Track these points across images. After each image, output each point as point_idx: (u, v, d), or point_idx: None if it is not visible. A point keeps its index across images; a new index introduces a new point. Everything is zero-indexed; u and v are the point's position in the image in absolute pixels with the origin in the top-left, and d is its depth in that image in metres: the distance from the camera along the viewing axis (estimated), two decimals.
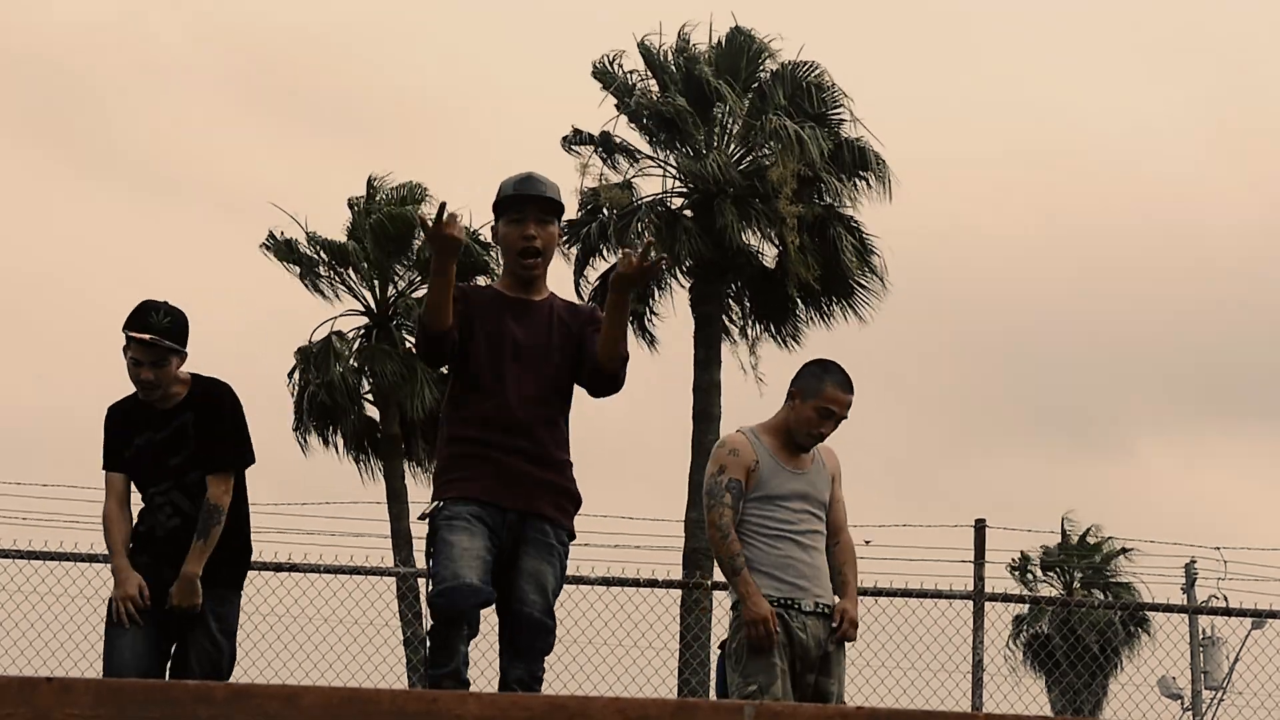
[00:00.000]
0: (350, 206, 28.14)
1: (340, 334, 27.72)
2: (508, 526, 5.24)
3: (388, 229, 27.50)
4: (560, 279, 25.60)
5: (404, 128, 49.61)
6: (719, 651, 7.04)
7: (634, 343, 26.49)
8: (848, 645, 6.45)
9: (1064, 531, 38.55)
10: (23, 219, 46.69)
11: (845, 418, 6.38)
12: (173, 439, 6.12)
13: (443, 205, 5.27)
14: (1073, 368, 53.60)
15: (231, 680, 6.01)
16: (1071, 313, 52.56)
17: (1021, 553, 33.21)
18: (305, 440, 27.28)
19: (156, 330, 6.02)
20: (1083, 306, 52.78)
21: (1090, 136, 54.77)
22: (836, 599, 6.42)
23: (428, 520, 5.31)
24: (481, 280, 26.79)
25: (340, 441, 27.40)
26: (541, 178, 5.48)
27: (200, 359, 6.17)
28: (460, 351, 5.36)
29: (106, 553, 6.23)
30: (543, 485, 5.31)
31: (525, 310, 5.43)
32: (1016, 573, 34.03)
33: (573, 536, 5.43)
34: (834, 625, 6.34)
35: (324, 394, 26.71)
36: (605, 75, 26.48)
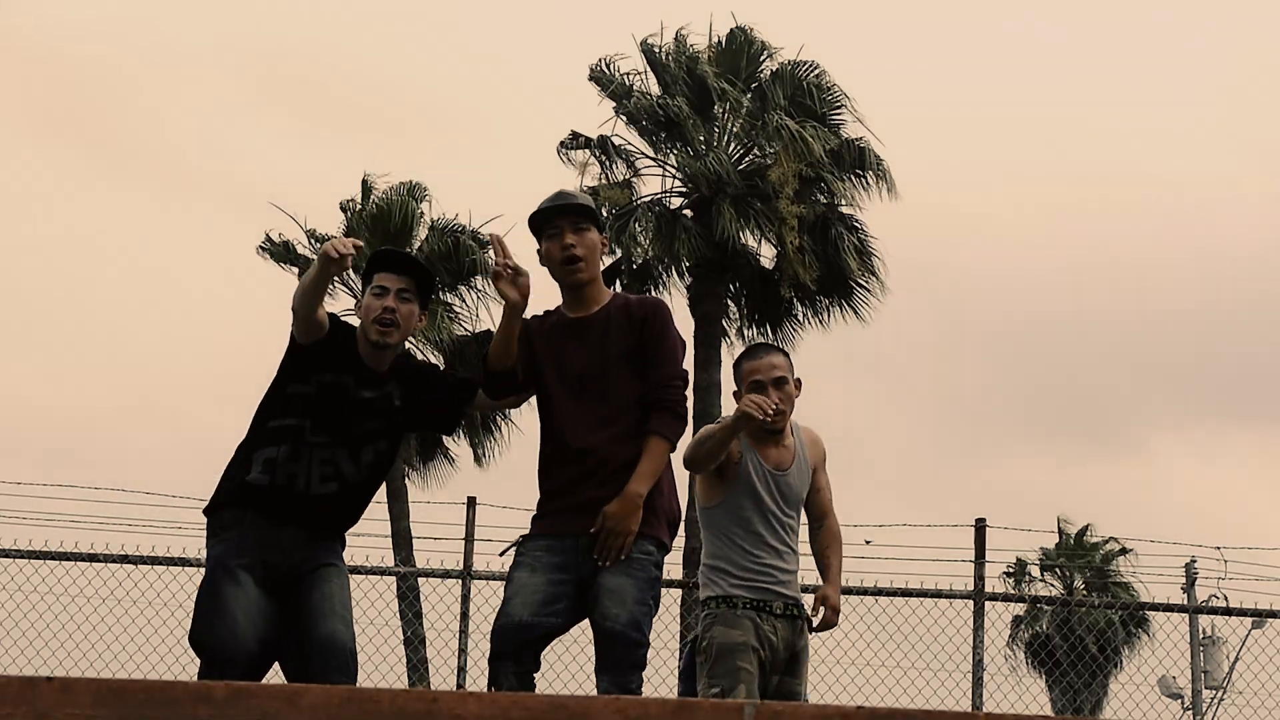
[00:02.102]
0: (343, 209, 28.14)
1: None
2: (580, 551, 5.35)
3: (388, 226, 27.50)
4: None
5: (404, 128, 49.63)
6: (687, 646, 6.97)
7: None
8: (820, 641, 6.41)
9: (1060, 532, 38.54)
10: (29, 215, 46.68)
11: (784, 378, 6.25)
12: (378, 403, 5.50)
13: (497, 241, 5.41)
14: (1077, 367, 53.62)
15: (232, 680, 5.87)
16: (1077, 312, 52.57)
17: (1018, 558, 33.19)
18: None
19: (414, 260, 5.61)
20: (1089, 306, 52.78)
21: (1098, 135, 54.78)
22: (816, 585, 6.41)
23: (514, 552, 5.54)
24: (478, 280, 26.85)
25: None
26: (571, 191, 5.65)
27: (205, 359, 6.04)
28: (536, 389, 5.55)
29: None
30: (603, 501, 5.35)
31: (583, 330, 5.50)
32: (1012, 579, 33.96)
33: (660, 543, 5.43)
34: (814, 612, 6.31)
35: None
36: (603, 79, 26.50)
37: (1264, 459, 54.73)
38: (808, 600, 6.39)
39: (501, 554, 5.66)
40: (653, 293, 26.25)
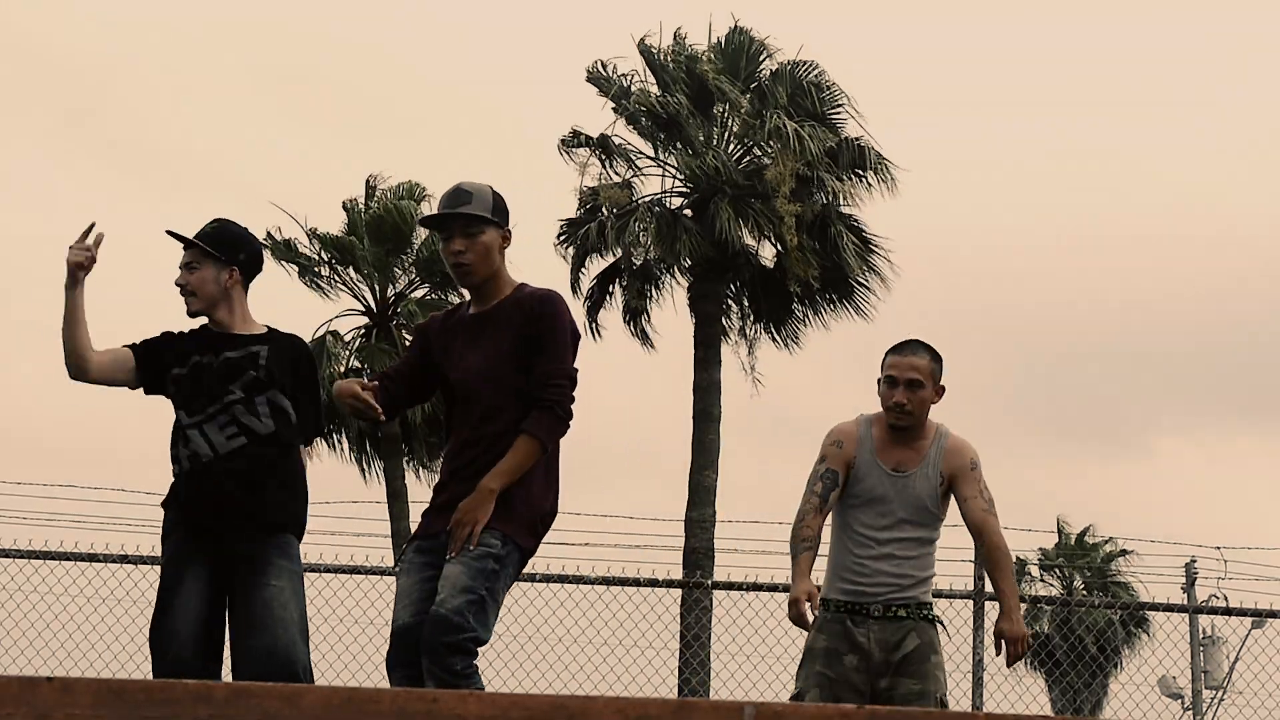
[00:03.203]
0: (346, 208, 28.17)
1: (336, 334, 27.74)
2: (442, 548, 5.29)
3: (387, 227, 27.51)
4: (560, 278, 25.59)
5: (407, 128, 49.63)
6: None
7: (634, 342, 26.61)
8: (938, 642, 6.21)
9: (1060, 532, 38.55)
10: (30, 213, 46.68)
11: (919, 381, 6.12)
12: (243, 360, 5.83)
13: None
14: (1081, 366, 53.59)
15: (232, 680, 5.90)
16: (1081, 311, 52.55)
17: (1017, 557, 33.18)
18: (311, 443, 27.30)
19: (198, 234, 5.94)
20: (1093, 305, 52.76)
21: (1101, 133, 54.74)
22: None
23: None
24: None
25: (344, 442, 27.45)
26: (466, 189, 5.50)
27: None
28: (433, 388, 5.60)
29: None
30: (464, 497, 5.29)
31: (481, 326, 5.47)
32: None
33: (506, 538, 5.25)
34: (997, 649, 6.14)
35: (323, 394, 26.74)
36: (600, 80, 26.50)
37: (1270, 459, 54.72)
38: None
39: (395, 565, 5.64)
40: (653, 293, 26.28)
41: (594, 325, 26.39)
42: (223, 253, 5.93)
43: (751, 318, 26.40)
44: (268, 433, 5.78)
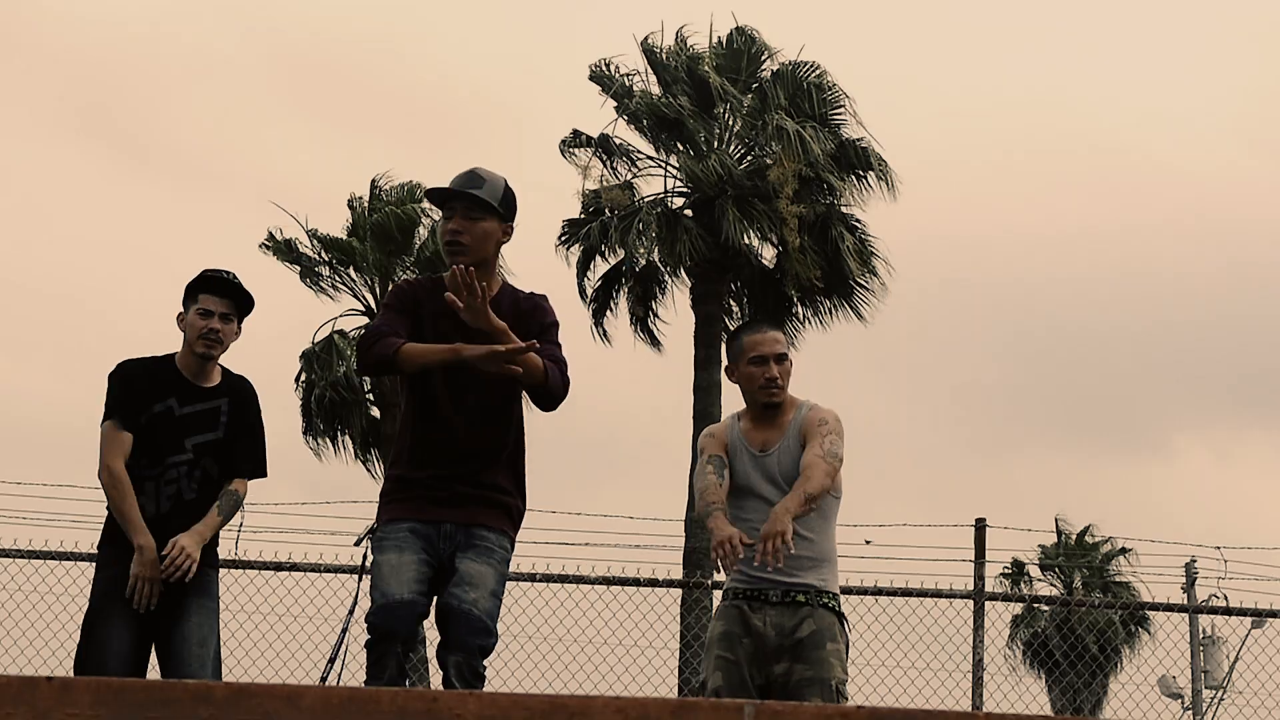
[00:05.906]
0: (350, 206, 28.19)
1: (342, 333, 27.77)
2: (444, 538, 5.35)
3: (389, 228, 27.52)
4: (563, 279, 25.61)
5: (406, 128, 49.66)
6: None
7: (636, 342, 26.61)
8: (837, 630, 6.08)
9: (1059, 531, 38.55)
10: (34, 210, 46.70)
11: (784, 354, 6.15)
12: (203, 417, 6.04)
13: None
14: (1086, 365, 53.60)
15: (232, 680, 6.01)
16: (1080, 310, 52.56)
17: (1014, 559, 33.14)
18: (317, 443, 27.37)
19: (233, 284, 6.10)
20: (1095, 304, 52.77)
21: (1107, 133, 54.72)
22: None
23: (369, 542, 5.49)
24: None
25: (347, 442, 27.49)
26: (481, 174, 5.47)
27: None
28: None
29: (117, 522, 6.12)
30: (477, 500, 5.38)
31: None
32: (1009, 580, 33.91)
33: (511, 542, 5.50)
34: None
35: (329, 394, 26.80)
36: (603, 79, 26.51)
37: (1273, 457, 54.70)
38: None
39: (357, 543, 5.63)
40: (656, 293, 26.29)
41: (599, 327, 26.42)
42: (246, 314, 6.17)
43: (752, 319, 26.39)
44: (191, 499, 6.05)
